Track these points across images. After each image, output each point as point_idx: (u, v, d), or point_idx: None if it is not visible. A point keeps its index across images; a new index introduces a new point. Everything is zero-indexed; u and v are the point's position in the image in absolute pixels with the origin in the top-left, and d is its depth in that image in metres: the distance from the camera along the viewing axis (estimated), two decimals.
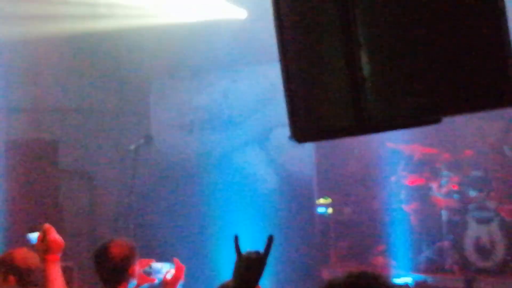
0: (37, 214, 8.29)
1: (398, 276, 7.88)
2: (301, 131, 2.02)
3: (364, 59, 1.78)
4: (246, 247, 2.79)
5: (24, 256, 4.47)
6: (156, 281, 4.18)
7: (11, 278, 4.37)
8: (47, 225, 3.63)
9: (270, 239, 2.74)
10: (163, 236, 8.69)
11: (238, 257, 2.76)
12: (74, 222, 8.77)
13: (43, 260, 3.57)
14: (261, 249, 2.75)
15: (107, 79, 9.66)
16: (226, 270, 7.16)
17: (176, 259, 4.24)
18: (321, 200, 9.20)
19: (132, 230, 7.40)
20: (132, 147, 7.74)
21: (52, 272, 3.53)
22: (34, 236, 3.64)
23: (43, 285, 3.62)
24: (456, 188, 8.21)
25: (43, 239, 3.57)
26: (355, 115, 1.82)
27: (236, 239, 2.80)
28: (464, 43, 1.69)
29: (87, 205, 9.41)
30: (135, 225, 7.54)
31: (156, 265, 4.19)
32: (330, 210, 9.30)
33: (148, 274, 4.14)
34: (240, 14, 8.79)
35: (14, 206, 8.18)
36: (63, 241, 3.61)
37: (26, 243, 3.79)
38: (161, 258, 4.31)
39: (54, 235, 3.59)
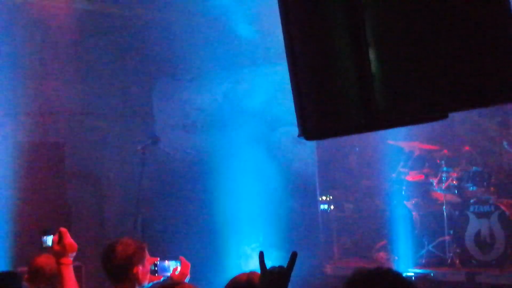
0: (45, 215, 8.37)
1: (400, 271, 7.89)
2: (310, 128, 1.99)
3: (372, 56, 1.81)
4: (250, 244, 2.82)
5: (48, 262, 4.67)
6: (162, 279, 4.13)
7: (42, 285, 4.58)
8: (63, 229, 3.65)
9: (294, 255, 2.78)
10: (170, 234, 8.75)
11: (262, 272, 2.79)
12: (81, 222, 8.81)
13: (58, 263, 3.60)
14: (284, 264, 2.77)
15: (111, 82, 9.72)
16: (231, 265, 7.29)
17: (182, 257, 4.24)
18: (323, 197, 9.27)
19: (140, 230, 7.40)
20: (139, 147, 7.74)
21: (67, 274, 3.58)
22: (49, 238, 3.65)
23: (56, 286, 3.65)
24: (456, 183, 8.29)
25: (59, 242, 3.61)
26: (364, 112, 1.83)
27: (261, 255, 2.83)
28: (471, 39, 1.72)
29: (95, 205, 9.46)
30: (143, 225, 7.55)
31: (162, 263, 4.15)
32: (332, 207, 9.38)
33: (153, 272, 4.08)
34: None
35: (23, 208, 8.22)
36: (76, 244, 3.64)
37: (39, 245, 3.75)
38: (169, 256, 4.27)
39: (70, 239, 3.63)
